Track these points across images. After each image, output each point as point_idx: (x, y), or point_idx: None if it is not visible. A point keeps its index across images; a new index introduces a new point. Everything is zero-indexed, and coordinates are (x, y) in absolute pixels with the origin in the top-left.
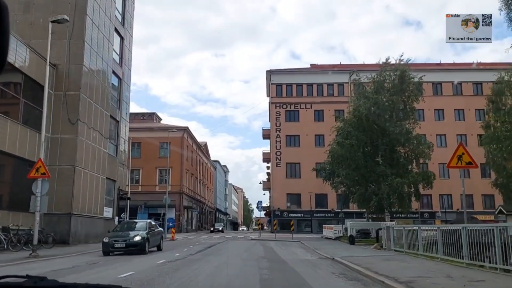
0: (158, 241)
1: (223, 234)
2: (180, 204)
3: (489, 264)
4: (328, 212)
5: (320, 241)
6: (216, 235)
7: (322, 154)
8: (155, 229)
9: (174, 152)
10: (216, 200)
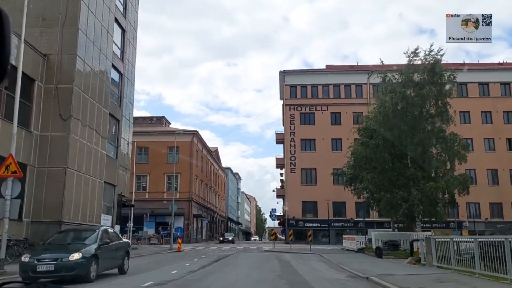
0: (120, 261)
1: (233, 245)
2: (189, 212)
3: None
4: (347, 222)
5: (342, 254)
6: (226, 246)
7: (339, 159)
8: (114, 241)
9: (183, 157)
10: (228, 208)
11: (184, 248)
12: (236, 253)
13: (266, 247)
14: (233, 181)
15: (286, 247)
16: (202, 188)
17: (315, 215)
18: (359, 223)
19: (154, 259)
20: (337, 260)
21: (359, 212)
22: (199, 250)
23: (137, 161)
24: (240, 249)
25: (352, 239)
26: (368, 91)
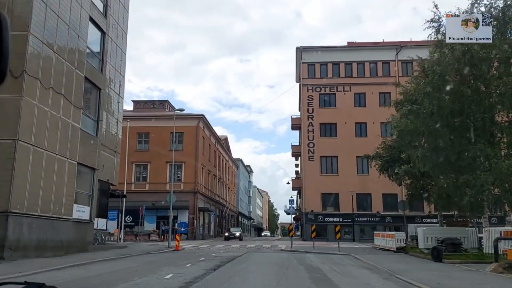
0: None
1: (243, 242)
2: (194, 205)
3: None
4: (372, 216)
5: (380, 255)
6: (235, 244)
7: (364, 145)
8: None
9: (188, 144)
10: (239, 202)
11: (185, 246)
12: (246, 254)
13: (282, 245)
14: (245, 174)
15: (305, 245)
16: (210, 179)
17: (337, 209)
18: (387, 217)
19: (131, 264)
20: (384, 265)
21: (387, 205)
22: (201, 249)
23: (137, 149)
24: (251, 248)
25: (390, 236)
26: (397, 69)
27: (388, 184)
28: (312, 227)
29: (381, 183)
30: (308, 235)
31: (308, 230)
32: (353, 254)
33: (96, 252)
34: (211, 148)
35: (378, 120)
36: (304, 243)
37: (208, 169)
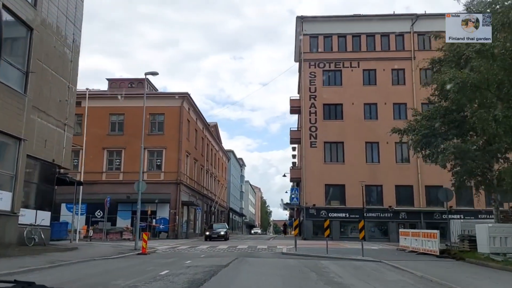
0: None
1: (232, 243)
2: (177, 198)
3: None
4: (384, 211)
5: (423, 261)
6: (222, 245)
7: (375, 129)
8: None
9: (170, 127)
10: (230, 198)
11: (159, 247)
12: (235, 261)
13: (281, 245)
14: (237, 168)
15: (308, 245)
16: (196, 170)
17: (342, 203)
18: (400, 213)
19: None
20: (455, 283)
21: (401, 199)
22: (177, 252)
23: (109, 133)
24: (243, 251)
25: (429, 236)
26: (412, 42)
27: (402, 175)
28: (326, 223)
29: (393, 173)
30: (309, 233)
31: (309, 228)
32: (385, 260)
33: (19, 257)
34: (198, 134)
35: (391, 101)
36: (307, 243)
37: (194, 157)
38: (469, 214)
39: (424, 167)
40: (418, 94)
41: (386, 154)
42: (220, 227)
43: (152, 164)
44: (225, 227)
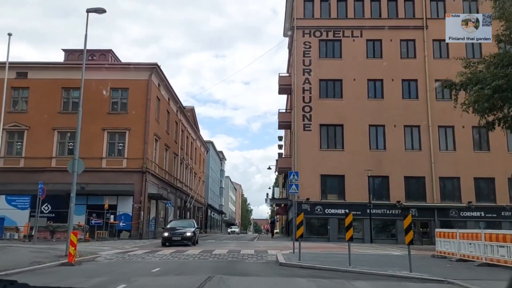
0: None
1: (207, 246)
2: (142, 190)
3: None
4: (391, 208)
5: None
6: (193, 249)
7: (379, 109)
8: None
9: (135, 105)
10: (208, 193)
11: (103, 253)
12: (208, 285)
13: (270, 249)
14: (216, 161)
15: (306, 249)
16: (168, 158)
17: (341, 197)
18: (410, 209)
19: None
20: None
21: (411, 192)
22: (122, 262)
23: (61, 110)
24: (222, 259)
25: (500, 240)
26: (424, 9)
27: (412, 164)
28: (348, 218)
29: (402, 162)
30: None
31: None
32: (456, 280)
33: None
34: (171, 117)
35: (399, 77)
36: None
37: (165, 143)
38: (490, 211)
39: (439, 155)
40: (431, 68)
41: (394, 139)
42: (184, 225)
43: (113, 148)
44: (192, 225)
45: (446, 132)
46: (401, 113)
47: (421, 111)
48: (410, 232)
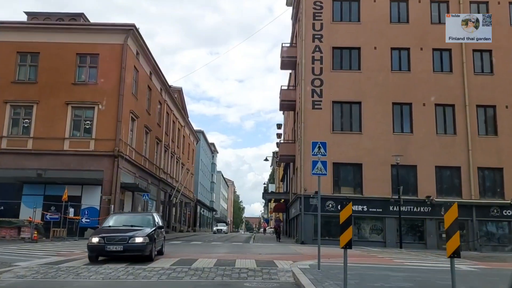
0: None
1: (186, 254)
2: (113, 179)
3: None
4: (419, 204)
5: None
6: (159, 263)
7: (405, 84)
8: None
9: (107, 74)
10: (198, 188)
11: (27, 265)
12: None
13: (280, 258)
14: (207, 153)
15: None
16: (149, 143)
17: (358, 191)
18: (443, 206)
19: None
20: None
21: (443, 186)
22: (42, 283)
23: (16, 79)
24: (204, 277)
25: None
26: None
27: (445, 151)
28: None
29: (433, 149)
30: (308, 235)
31: (308, 226)
32: None
33: None
34: (153, 94)
35: (429, 45)
36: (310, 252)
37: (145, 125)
38: None
39: (477, 141)
40: None
41: (422, 120)
42: (135, 222)
43: (78, 127)
44: (148, 224)
45: (486, 113)
46: (432, 89)
47: (455, 87)
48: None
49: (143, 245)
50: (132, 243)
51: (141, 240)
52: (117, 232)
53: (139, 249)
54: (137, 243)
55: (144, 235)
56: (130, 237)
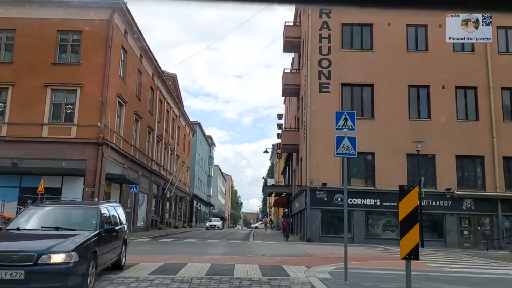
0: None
1: (160, 266)
2: (97, 169)
3: None
4: (439, 197)
5: None
6: (126, 272)
7: (422, 64)
8: None
9: (90, 54)
10: (194, 181)
11: None
12: None
13: (288, 262)
14: (204, 146)
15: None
16: (140, 132)
17: (370, 182)
18: (465, 200)
19: None
20: None
21: (465, 177)
22: None
23: None
24: None
25: None
26: None
27: (467, 139)
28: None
29: (453, 136)
30: (315, 231)
31: (315, 222)
32: None
33: None
34: (144, 79)
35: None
36: (322, 253)
37: (135, 111)
38: None
39: (503, 127)
40: None
41: (442, 105)
42: (64, 220)
43: (58, 112)
44: (85, 226)
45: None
46: (452, 70)
47: (478, 68)
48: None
49: (65, 268)
50: (43, 265)
51: (61, 259)
52: (20, 240)
53: (56, 277)
54: (52, 264)
55: (69, 248)
56: (40, 253)
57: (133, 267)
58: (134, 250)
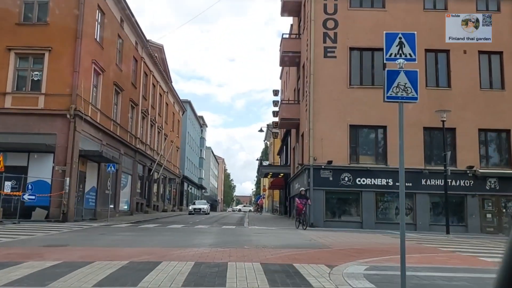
0: None
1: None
2: (69, 144)
3: None
4: (460, 176)
5: None
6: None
7: (440, 28)
8: None
9: (60, 11)
10: (184, 163)
11: None
12: None
13: (299, 258)
14: (195, 126)
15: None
16: (120, 105)
17: (382, 160)
18: (488, 179)
19: None
20: None
21: (489, 154)
22: None
23: None
24: None
25: None
26: None
27: (491, 111)
28: None
29: (476, 108)
30: (319, 215)
31: (320, 204)
32: None
33: None
34: (126, 46)
35: None
36: (338, 243)
37: (115, 82)
38: None
39: None
40: None
41: (463, 72)
42: None
43: (24, 79)
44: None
45: None
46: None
47: (503, 30)
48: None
49: None
50: None
51: None
52: None
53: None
54: None
55: None
56: None
57: (74, 270)
58: (102, 240)
